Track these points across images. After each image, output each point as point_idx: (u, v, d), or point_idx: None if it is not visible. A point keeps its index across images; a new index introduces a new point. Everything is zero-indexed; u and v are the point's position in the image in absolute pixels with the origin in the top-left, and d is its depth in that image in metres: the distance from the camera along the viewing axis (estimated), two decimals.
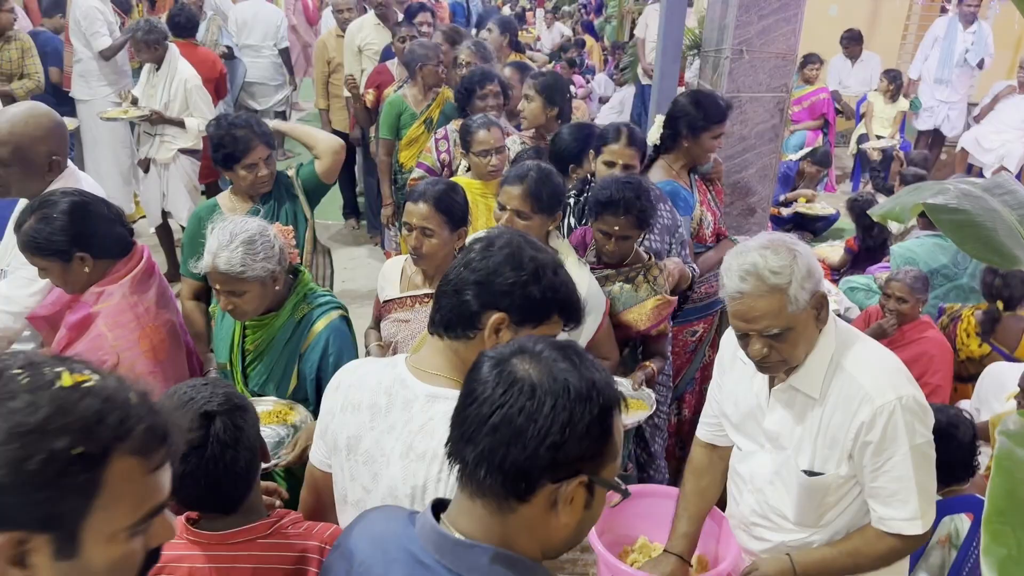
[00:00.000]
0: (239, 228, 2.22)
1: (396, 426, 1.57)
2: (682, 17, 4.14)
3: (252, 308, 2.28)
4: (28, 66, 5.31)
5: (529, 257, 1.61)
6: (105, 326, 2.20)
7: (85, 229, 2.17)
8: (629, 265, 2.84)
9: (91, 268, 2.21)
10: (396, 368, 1.64)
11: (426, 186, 2.61)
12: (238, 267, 2.17)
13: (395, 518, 1.28)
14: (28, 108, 2.56)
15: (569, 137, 3.32)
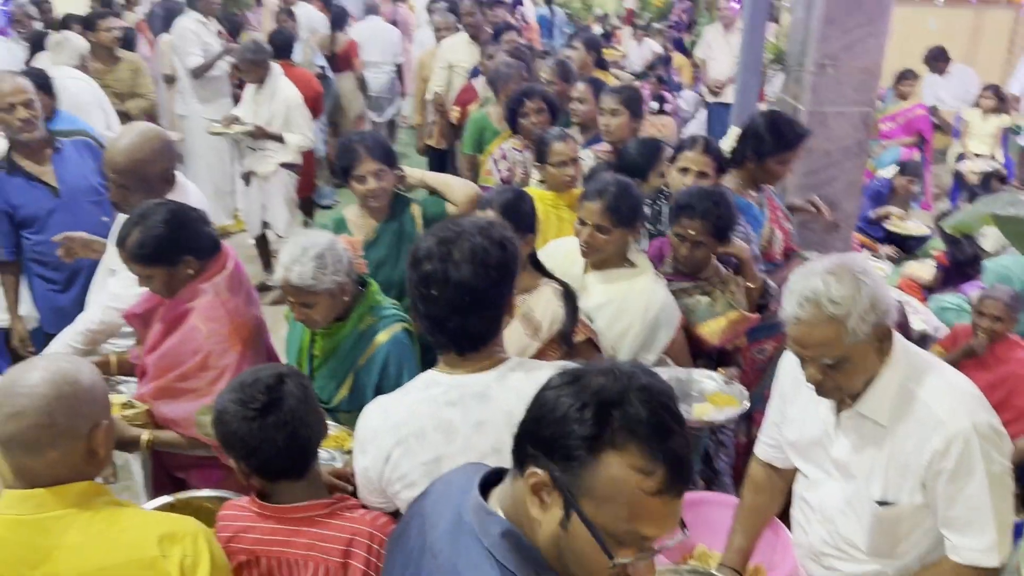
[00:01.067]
0: (310, 242, 2.33)
1: (486, 419, 1.66)
2: (763, 31, 4.16)
3: (322, 318, 2.40)
4: (140, 86, 5.70)
5: (496, 238, 1.69)
6: (199, 320, 2.36)
7: (185, 234, 2.34)
8: (707, 278, 2.86)
9: (194, 270, 2.37)
10: (440, 383, 1.72)
11: (494, 194, 2.73)
12: (309, 280, 2.29)
13: (474, 472, 1.35)
14: (141, 132, 2.78)
15: (636, 152, 3.39)
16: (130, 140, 2.70)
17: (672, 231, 2.83)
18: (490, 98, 5.04)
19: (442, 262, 1.64)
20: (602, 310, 2.66)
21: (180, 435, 2.38)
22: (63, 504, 1.54)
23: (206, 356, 2.35)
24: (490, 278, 1.64)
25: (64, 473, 1.55)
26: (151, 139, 2.73)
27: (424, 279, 1.65)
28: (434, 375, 1.74)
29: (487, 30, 6.46)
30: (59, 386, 1.54)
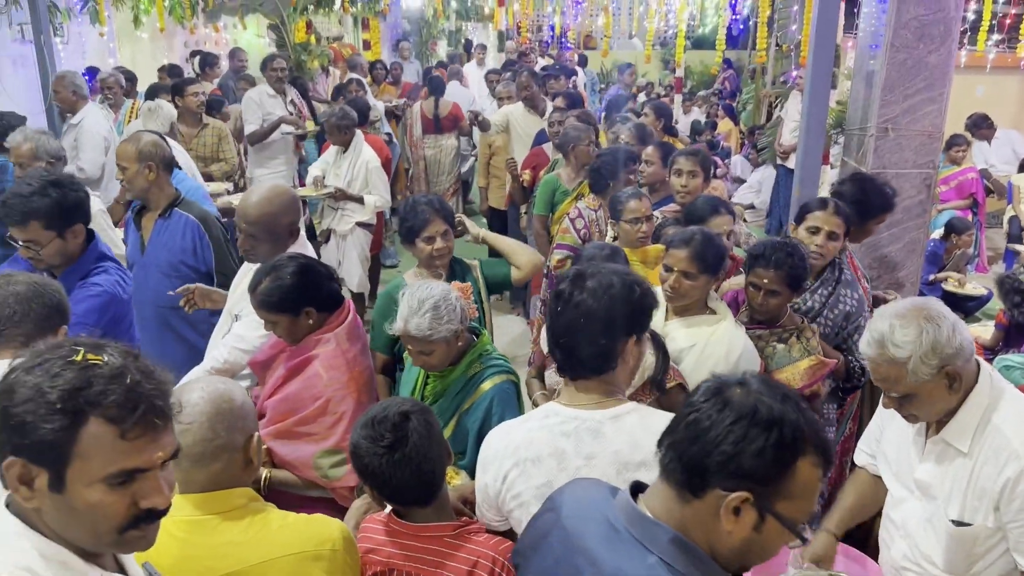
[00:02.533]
0: (426, 294, 2.47)
1: (595, 454, 1.81)
2: (826, 96, 4.35)
3: (439, 363, 2.55)
4: (224, 151, 6.06)
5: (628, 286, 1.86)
6: (321, 368, 2.53)
7: (310, 287, 2.52)
8: (782, 326, 2.98)
9: (314, 320, 2.55)
10: (558, 413, 1.88)
11: (594, 250, 2.92)
12: (426, 331, 2.44)
13: (599, 488, 1.53)
14: (272, 187, 3.04)
15: (701, 208, 3.51)
16: (262, 194, 2.95)
17: (747, 280, 2.96)
18: (559, 160, 5.30)
19: (573, 285, 1.85)
20: (686, 355, 2.78)
21: (297, 477, 2.53)
22: (224, 507, 1.73)
23: (326, 402, 2.51)
24: (607, 308, 1.81)
25: (226, 481, 1.74)
26: (281, 194, 2.99)
27: (555, 297, 1.88)
28: (554, 406, 1.91)
29: (544, 99, 6.81)
30: (218, 404, 1.74)
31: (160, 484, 1.28)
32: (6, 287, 1.89)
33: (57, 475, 1.21)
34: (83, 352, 1.23)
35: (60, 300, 1.97)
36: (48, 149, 4.02)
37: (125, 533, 1.26)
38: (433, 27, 13.03)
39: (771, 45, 11.27)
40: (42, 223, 2.76)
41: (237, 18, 9.65)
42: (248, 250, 2.94)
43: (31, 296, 1.89)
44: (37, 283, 1.95)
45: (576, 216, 4.31)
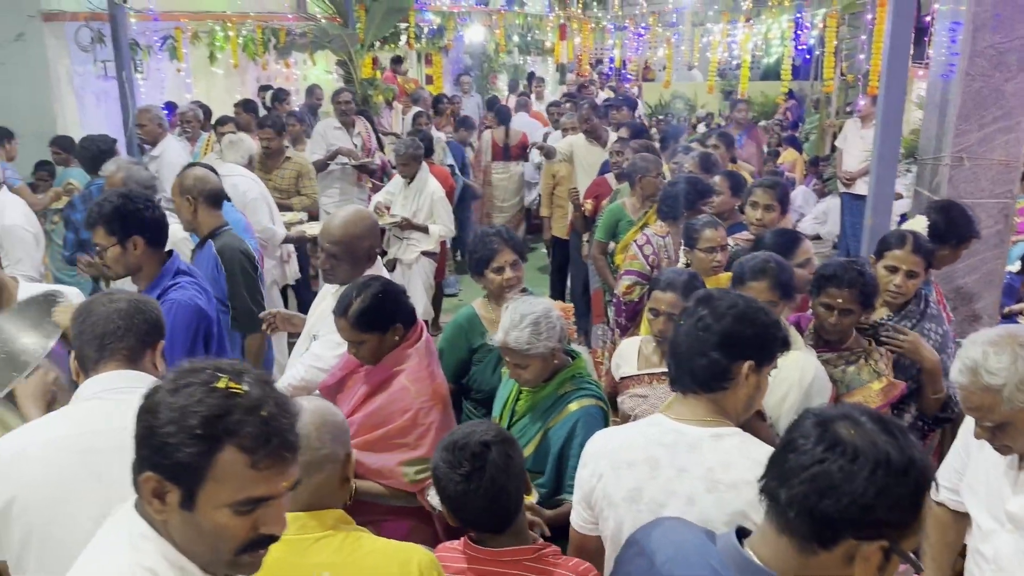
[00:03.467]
0: (528, 310, 2.54)
1: (688, 468, 1.80)
2: (899, 125, 4.29)
3: (533, 378, 2.60)
4: (305, 187, 6.22)
5: (755, 310, 1.86)
6: (408, 381, 2.61)
7: (395, 305, 2.63)
8: (850, 348, 2.93)
9: (400, 337, 2.63)
10: (661, 424, 1.89)
11: (673, 275, 2.93)
12: (524, 345, 2.51)
13: (692, 531, 1.49)
14: (356, 210, 3.16)
15: (773, 242, 3.40)
16: (345, 216, 3.07)
17: (817, 301, 2.91)
18: (621, 190, 5.32)
19: (700, 302, 1.88)
20: None
21: (383, 486, 2.59)
22: (321, 527, 1.76)
23: (416, 413, 2.59)
24: (727, 325, 1.81)
25: (323, 497, 1.78)
26: (363, 218, 3.11)
27: (681, 312, 1.94)
28: (659, 416, 1.92)
29: (606, 130, 6.86)
30: (324, 415, 1.81)
31: (281, 512, 1.34)
32: (109, 304, 1.98)
33: (189, 495, 1.28)
34: (225, 379, 1.29)
35: (158, 316, 2.06)
36: (138, 179, 4.21)
37: (239, 556, 1.32)
38: (494, 61, 13.26)
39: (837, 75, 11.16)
40: (104, 228, 2.88)
41: (307, 54, 9.98)
42: (328, 270, 3.05)
43: (132, 312, 1.98)
44: (137, 300, 2.04)
45: (644, 242, 4.31)
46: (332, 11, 10.31)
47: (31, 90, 7.65)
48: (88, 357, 1.94)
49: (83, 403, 1.92)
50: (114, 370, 1.93)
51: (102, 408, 1.89)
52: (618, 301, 4.26)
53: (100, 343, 1.93)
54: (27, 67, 7.62)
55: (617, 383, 3.08)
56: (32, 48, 7.58)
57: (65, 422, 1.89)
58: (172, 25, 8.38)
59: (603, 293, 5.44)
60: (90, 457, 1.82)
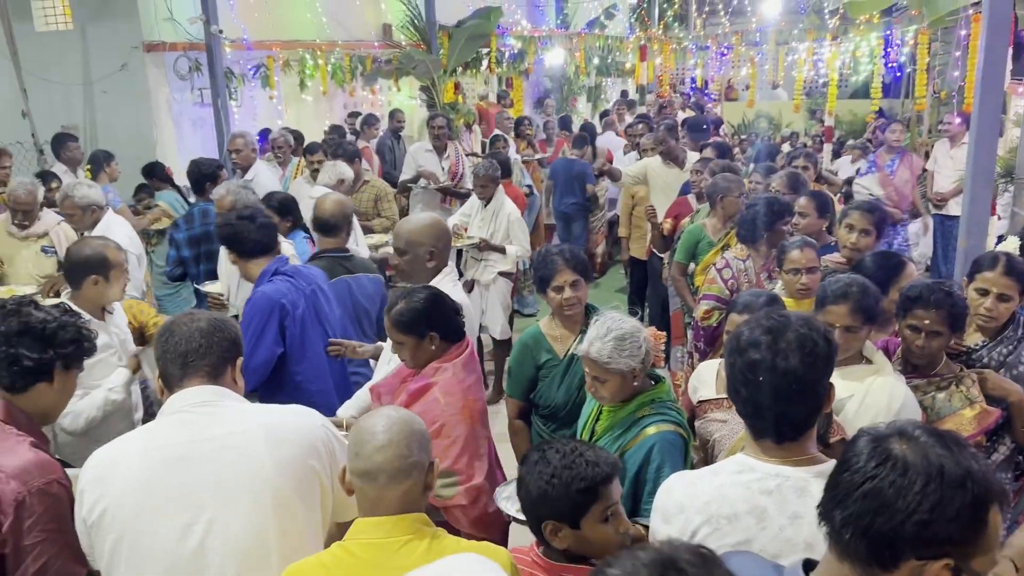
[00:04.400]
0: (615, 324, 2.54)
1: (803, 513, 1.70)
2: (994, 144, 4.12)
3: (610, 395, 2.58)
4: (385, 210, 6.39)
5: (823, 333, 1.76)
6: (440, 394, 2.69)
7: (437, 315, 2.75)
8: (939, 374, 2.82)
9: (436, 347, 2.73)
10: (754, 468, 1.78)
11: (751, 298, 2.87)
12: (605, 357, 2.49)
13: (762, 567, 1.45)
14: (431, 216, 3.37)
15: (875, 266, 3.29)
16: (418, 219, 3.32)
17: (904, 324, 2.80)
18: (702, 210, 5.26)
19: (770, 351, 1.73)
20: (845, 405, 2.66)
21: None
22: (406, 531, 1.80)
23: (442, 426, 2.66)
24: (816, 368, 1.73)
25: (409, 503, 1.82)
26: (436, 224, 3.33)
27: (751, 366, 1.74)
28: (746, 460, 1.81)
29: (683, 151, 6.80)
30: (411, 424, 1.85)
31: None
32: (190, 324, 2.08)
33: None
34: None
35: (236, 334, 2.15)
36: (246, 202, 4.41)
37: None
38: (574, 84, 13.32)
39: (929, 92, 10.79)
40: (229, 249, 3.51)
41: (392, 81, 10.25)
42: (399, 269, 3.26)
43: (212, 330, 2.07)
44: (217, 319, 2.13)
45: (723, 266, 4.24)
46: (416, 38, 10.58)
47: (133, 117, 8.10)
48: (172, 375, 2.03)
49: (168, 417, 2.00)
50: (197, 385, 2.01)
51: (187, 421, 1.97)
52: (697, 325, 4.20)
53: (183, 361, 2.01)
54: (129, 95, 8.08)
55: (695, 407, 3.03)
56: (134, 77, 8.04)
57: (152, 435, 1.99)
58: (265, 54, 8.74)
59: (682, 314, 5.38)
60: (177, 468, 1.91)
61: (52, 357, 2.12)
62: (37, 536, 1.92)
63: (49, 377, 2.13)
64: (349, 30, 10.00)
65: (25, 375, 2.09)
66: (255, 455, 1.95)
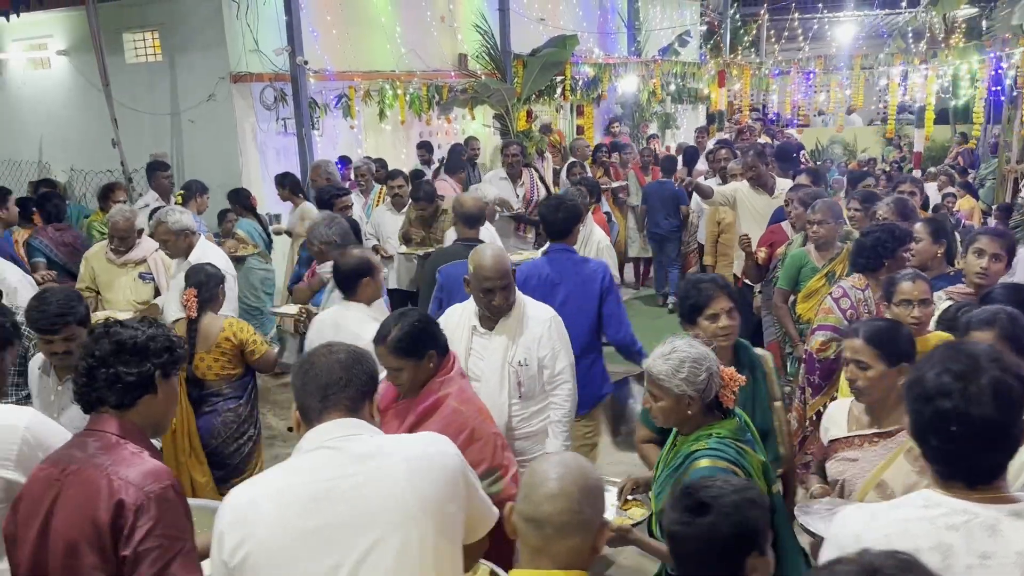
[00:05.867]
0: (684, 347, 2.51)
1: (993, 554, 1.59)
2: None
3: (661, 415, 2.55)
4: None
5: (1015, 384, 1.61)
6: (457, 403, 2.75)
7: (432, 334, 2.78)
8: None
9: (434, 364, 2.76)
10: (940, 504, 1.65)
11: (869, 326, 2.72)
12: (661, 375, 2.48)
13: None
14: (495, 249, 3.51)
15: (1005, 297, 3.06)
16: (493, 254, 3.42)
17: None
18: (798, 239, 5.08)
19: (963, 398, 1.61)
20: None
21: None
22: None
23: (472, 430, 2.73)
24: (1012, 412, 1.61)
25: (574, 560, 1.71)
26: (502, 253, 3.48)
27: (941, 416, 1.63)
28: (933, 495, 1.70)
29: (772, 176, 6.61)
30: (585, 477, 1.74)
31: None
32: (329, 356, 2.03)
33: None
34: None
35: (374, 367, 2.11)
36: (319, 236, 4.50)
37: None
38: (646, 111, 13.24)
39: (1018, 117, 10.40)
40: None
41: (467, 109, 10.31)
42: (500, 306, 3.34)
43: (352, 363, 2.03)
44: (356, 351, 2.09)
45: (840, 295, 4.04)
46: (491, 67, 10.65)
47: (219, 146, 8.28)
48: (311, 408, 1.98)
49: (308, 454, 1.94)
50: (336, 418, 1.96)
51: (328, 457, 1.91)
52: (811, 358, 4.01)
53: (323, 393, 1.97)
54: (216, 125, 8.27)
55: (826, 447, 2.86)
56: (221, 108, 8.22)
57: (293, 472, 1.93)
58: (346, 84, 8.86)
59: (779, 345, 5.18)
60: (320, 507, 1.85)
61: (150, 368, 2.10)
62: (155, 541, 1.91)
63: (152, 388, 2.11)
64: (426, 60, 10.10)
65: (129, 391, 2.08)
66: (399, 491, 1.88)
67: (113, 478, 1.94)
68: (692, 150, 8.92)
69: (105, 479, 1.94)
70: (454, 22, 10.59)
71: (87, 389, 2.06)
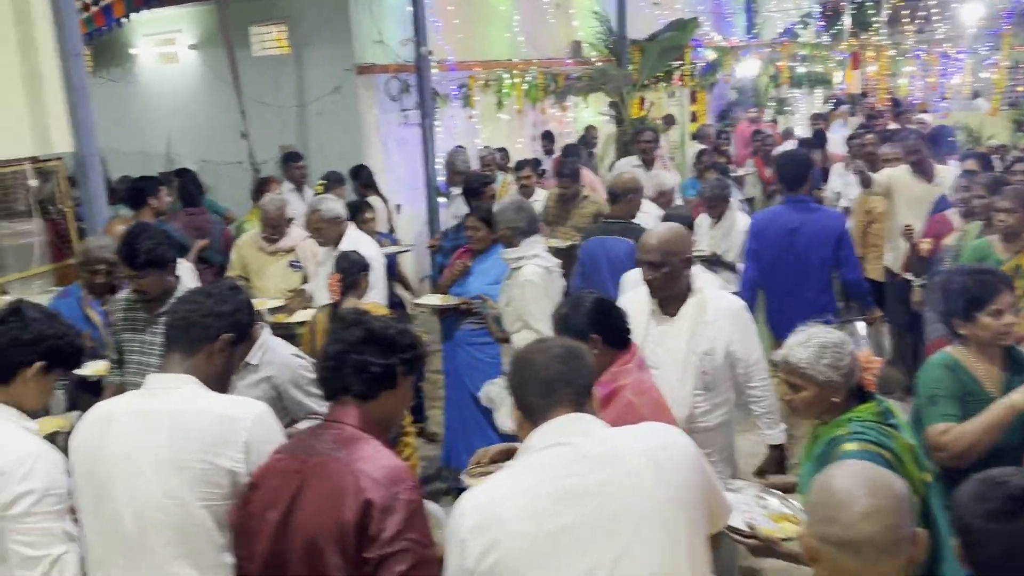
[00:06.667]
0: (822, 333, 2.44)
1: None
2: None
3: (803, 406, 2.47)
4: None
5: None
6: (632, 395, 2.62)
7: (602, 318, 2.68)
8: None
9: (600, 352, 2.58)
10: None
11: None
12: (802, 363, 2.39)
13: None
14: (670, 226, 3.37)
15: None
16: (662, 230, 3.29)
17: None
18: (971, 230, 4.74)
19: None
20: None
21: None
22: None
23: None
24: None
25: None
26: (677, 232, 3.30)
27: None
28: None
29: (931, 164, 6.20)
30: (893, 487, 1.59)
31: None
32: (546, 352, 1.96)
33: None
34: None
35: (591, 362, 2.02)
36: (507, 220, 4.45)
37: None
38: (763, 96, 12.78)
39: None
40: None
41: (581, 97, 10.16)
42: (655, 284, 3.19)
43: (570, 357, 1.95)
44: (570, 346, 2.02)
45: None
46: (606, 54, 10.46)
47: (344, 138, 8.36)
48: (535, 406, 1.89)
49: (540, 452, 1.84)
50: (564, 414, 1.86)
51: (564, 454, 1.81)
52: None
53: (547, 389, 1.88)
54: (341, 117, 8.35)
55: None
56: (347, 99, 8.30)
57: (530, 473, 1.83)
58: (467, 74, 8.84)
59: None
60: (566, 505, 1.74)
61: (395, 362, 2.04)
62: (401, 545, 1.84)
63: (393, 383, 2.05)
64: (541, 48, 9.99)
65: (373, 382, 2.02)
66: (646, 486, 1.77)
67: (360, 475, 1.87)
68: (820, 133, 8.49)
69: (351, 476, 1.87)
70: (569, 8, 10.44)
71: (335, 374, 2.01)
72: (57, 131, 4.72)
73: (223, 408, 2.10)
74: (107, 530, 2.05)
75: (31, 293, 5.04)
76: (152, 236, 3.37)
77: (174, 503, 1.99)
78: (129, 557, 2.02)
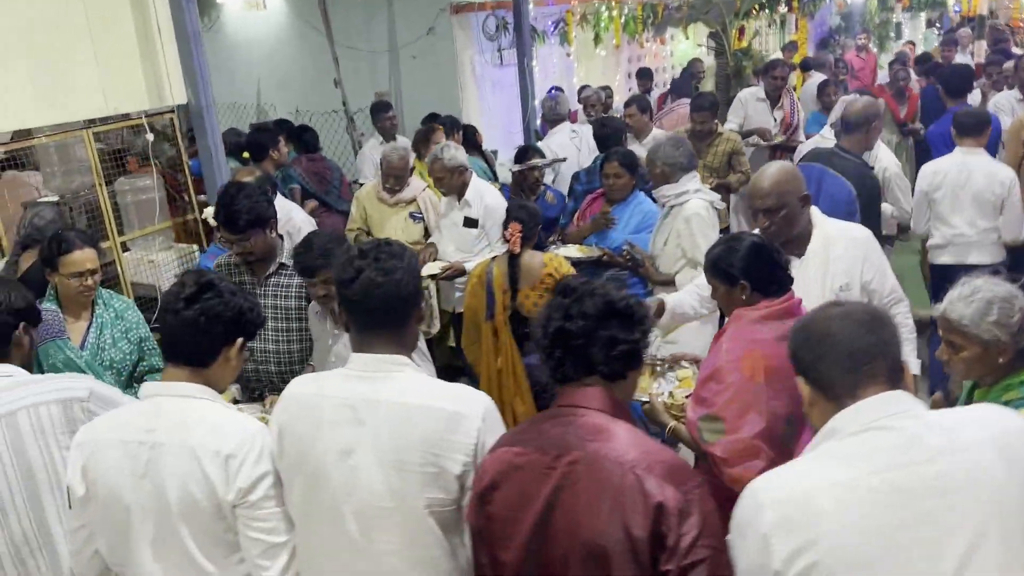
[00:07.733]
0: (985, 286, 2.25)
1: None
2: None
3: (966, 367, 2.30)
4: (741, 164, 5.86)
5: None
6: (725, 339, 2.55)
7: (753, 264, 2.54)
8: None
9: (747, 297, 2.53)
10: None
11: None
12: (965, 320, 2.22)
13: None
14: (780, 165, 3.18)
15: None
16: (773, 172, 3.09)
17: None
18: None
19: None
20: None
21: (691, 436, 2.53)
22: None
23: (716, 370, 2.49)
24: None
25: None
26: (789, 170, 3.12)
27: None
28: None
29: None
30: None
31: None
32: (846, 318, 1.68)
33: None
34: None
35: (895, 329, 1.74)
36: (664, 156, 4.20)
37: None
38: (869, 21, 11.97)
39: None
40: None
41: (681, 29, 9.64)
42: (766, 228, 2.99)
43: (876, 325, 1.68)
44: (872, 310, 1.75)
45: None
46: None
47: (439, 82, 8.07)
48: (837, 382, 1.62)
49: (855, 437, 1.57)
50: (875, 395, 1.58)
51: (887, 439, 1.54)
52: None
53: (852, 364, 1.60)
54: (436, 60, 8.05)
55: None
56: (442, 41, 7.99)
57: (847, 461, 1.55)
58: (563, 8, 8.42)
59: None
60: (900, 499, 1.49)
61: (639, 338, 1.81)
62: (702, 552, 1.61)
63: (639, 362, 1.83)
64: None
65: (622, 361, 1.79)
66: (991, 479, 1.50)
67: (641, 475, 1.64)
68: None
69: (631, 476, 1.64)
70: None
71: (582, 353, 1.78)
72: (171, 83, 4.59)
73: (450, 404, 1.86)
74: (324, 524, 1.89)
75: (153, 250, 4.98)
76: (249, 195, 3.25)
77: (398, 506, 1.82)
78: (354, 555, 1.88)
